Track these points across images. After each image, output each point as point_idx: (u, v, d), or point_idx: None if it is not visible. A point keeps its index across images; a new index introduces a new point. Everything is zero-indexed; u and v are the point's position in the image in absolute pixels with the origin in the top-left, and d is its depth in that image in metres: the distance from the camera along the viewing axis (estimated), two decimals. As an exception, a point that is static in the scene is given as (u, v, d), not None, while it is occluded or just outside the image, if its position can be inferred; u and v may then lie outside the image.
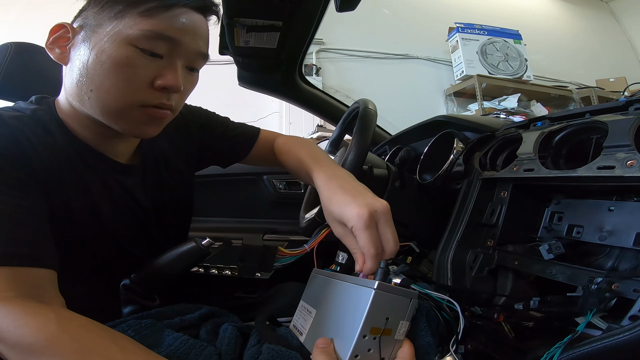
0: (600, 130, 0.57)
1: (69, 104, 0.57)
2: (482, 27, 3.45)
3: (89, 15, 0.53)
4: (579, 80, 3.81)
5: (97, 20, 0.51)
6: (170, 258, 0.60)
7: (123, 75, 0.51)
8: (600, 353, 0.41)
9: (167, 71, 0.53)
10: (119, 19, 0.50)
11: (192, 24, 0.54)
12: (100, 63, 0.50)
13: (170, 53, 0.53)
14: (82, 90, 0.52)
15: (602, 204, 0.57)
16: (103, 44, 0.50)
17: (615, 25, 4.29)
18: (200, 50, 0.56)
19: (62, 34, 0.54)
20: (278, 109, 3.19)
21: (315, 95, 1.38)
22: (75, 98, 0.54)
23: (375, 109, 0.77)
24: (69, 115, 0.58)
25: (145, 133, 0.57)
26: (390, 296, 0.43)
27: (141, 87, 0.52)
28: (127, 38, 0.50)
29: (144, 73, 0.52)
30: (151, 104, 0.53)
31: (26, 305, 0.40)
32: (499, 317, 0.54)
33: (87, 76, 0.51)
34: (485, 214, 0.70)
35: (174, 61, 0.54)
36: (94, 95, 0.52)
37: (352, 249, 0.50)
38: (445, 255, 0.70)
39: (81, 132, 0.58)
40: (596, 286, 0.48)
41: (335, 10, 0.74)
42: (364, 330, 0.42)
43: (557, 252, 0.56)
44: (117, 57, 0.50)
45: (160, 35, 0.51)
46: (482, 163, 0.76)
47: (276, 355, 0.45)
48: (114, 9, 0.50)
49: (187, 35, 0.53)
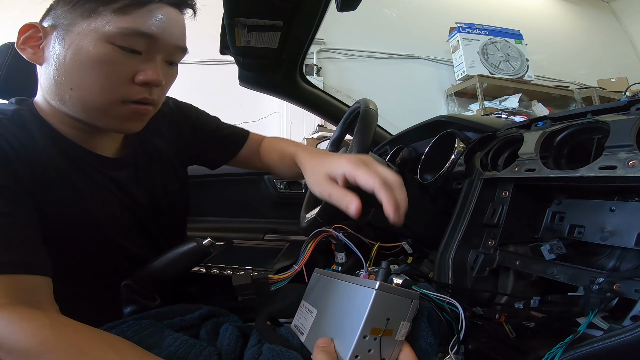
0: (602, 130, 0.57)
1: (48, 103, 0.56)
2: (483, 27, 3.45)
3: (59, 15, 0.51)
4: (580, 80, 3.81)
5: (70, 19, 0.50)
6: (171, 258, 0.60)
7: (103, 73, 0.50)
8: (601, 353, 0.41)
9: (147, 66, 0.53)
10: (93, 17, 0.49)
11: (168, 19, 0.53)
12: (79, 62, 0.49)
13: (149, 49, 0.52)
14: (62, 89, 0.52)
15: (604, 204, 0.57)
16: (79, 42, 0.49)
17: (616, 25, 4.28)
18: (178, 45, 0.56)
19: (32, 33, 0.53)
20: (279, 108, 3.19)
21: (316, 95, 1.38)
22: (55, 97, 0.53)
23: (376, 109, 0.77)
24: (50, 114, 0.57)
25: (128, 129, 0.57)
26: (392, 297, 0.43)
27: (122, 83, 0.52)
28: (104, 36, 0.49)
29: (123, 69, 0.51)
30: (133, 99, 0.53)
31: (21, 311, 0.40)
32: (500, 318, 0.54)
33: (66, 75, 0.51)
34: (486, 214, 0.70)
35: (153, 56, 0.53)
36: (74, 94, 0.51)
37: (340, 199, 0.49)
38: (446, 255, 0.70)
39: (63, 129, 0.57)
40: (598, 286, 0.48)
41: (336, 10, 0.74)
42: (364, 331, 0.41)
43: (559, 252, 0.56)
44: (96, 55, 0.49)
45: (137, 32, 0.50)
46: (483, 163, 0.76)
47: (276, 355, 0.45)
48: (86, 7, 0.50)
49: (164, 31, 0.53)
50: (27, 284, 0.44)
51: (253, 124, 3.16)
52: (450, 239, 0.71)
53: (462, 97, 3.51)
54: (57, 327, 0.40)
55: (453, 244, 0.70)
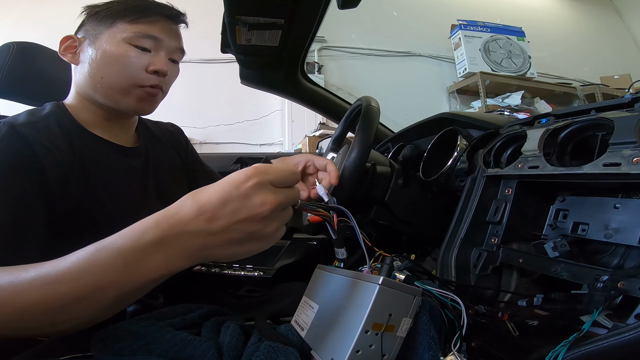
0: (605, 127, 0.57)
1: (79, 96, 0.72)
2: (484, 25, 3.43)
3: (88, 29, 0.70)
4: (583, 78, 3.79)
5: (97, 30, 0.69)
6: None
7: (124, 64, 0.68)
8: (605, 352, 0.41)
9: (156, 59, 0.71)
10: (113, 27, 0.69)
11: (167, 27, 0.72)
12: (107, 57, 0.68)
13: (156, 47, 0.71)
14: (95, 79, 0.69)
15: (608, 201, 0.57)
16: (106, 44, 0.68)
17: (619, 22, 4.26)
18: (177, 46, 0.74)
19: (70, 43, 0.71)
20: (280, 107, 3.19)
21: (318, 93, 1.38)
22: (89, 87, 0.70)
23: (378, 106, 0.76)
24: (79, 107, 0.72)
25: (142, 109, 0.74)
26: (395, 292, 0.43)
27: (138, 71, 0.69)
28: (123, 39, 0.68)
29: (138, 62, 0.69)
30: (146, 84, 0.70)
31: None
32: (503, 316, 0.53)
33: (98, 69, 0.68)
34: (489, 211, 0.70)
35: (159, 53, 0.71)
36: (104, 82, 0.69)
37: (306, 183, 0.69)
38: (449, 253, 0.70)
39: (90, 121, 0.72)
40: (602, 284, 0.48)
41: (337, 8, 0.74)
42: (366, 326, 0.41)
43: (562, 249, 0.56)
44: (118, 52, 0.68)
45: (146, 35, 0.69)
46: (486, 160, 0.75)
47: (272, 352, 0.45)
48: (108, 21, 0.69)
49: (165, 35, 0.71)
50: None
51: (255, 123, 3.17)
52: (453, 237, 0.71)
53: (464, 95, 3.50)
54: None
55: (456, 242, 0.70)
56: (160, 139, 0.87)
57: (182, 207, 0.38)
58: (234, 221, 0.37)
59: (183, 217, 0.37)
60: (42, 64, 0.87)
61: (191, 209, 0.37)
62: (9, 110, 0.89)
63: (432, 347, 0.46)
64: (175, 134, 0.94)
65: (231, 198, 0.37)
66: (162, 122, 0.94)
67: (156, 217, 0.38)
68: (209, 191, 0.38)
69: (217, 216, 0.37)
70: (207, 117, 3.05)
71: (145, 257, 0.37)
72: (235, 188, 0.37)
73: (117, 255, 0.37)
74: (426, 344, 0.45)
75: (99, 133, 0.72)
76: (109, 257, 0.37)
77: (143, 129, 0.84)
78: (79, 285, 0.36)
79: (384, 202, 0.83)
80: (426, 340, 0.46)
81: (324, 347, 0.46)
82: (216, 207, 0.37)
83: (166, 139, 0.89)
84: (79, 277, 0.36)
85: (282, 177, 0.40)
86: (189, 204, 0.37)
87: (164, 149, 0.86)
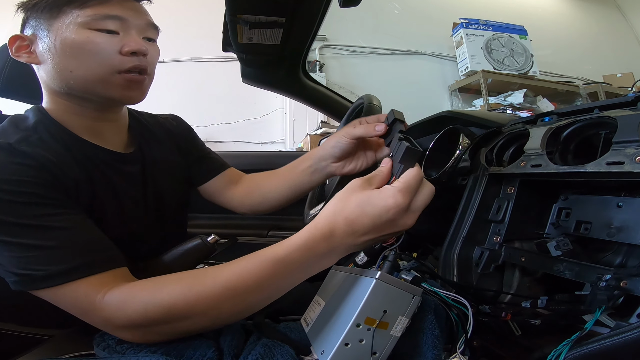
0: (609, 125, 0.56)
1: (55, 98, 0.63)
2: (486, 23, 3.42)
3: (34, 24, 0.61)
4: (586, 76, 3.78)
5: (45, 24, 0.60)
6: (176, 255, 0.60)
7: (92, 51, 0.59)
8: (608, 351, 0.40)
9: (128, 40, 0.61)
10: (62, 16, 0.59)
11: (128, 5, 0.62)
12: (69, 48, 0.58)
13: (123, 27, 0.61)
14: (64, 75, 0.60)
15: (611, 200, 0.57)
16: (62, 34, 0.58)
17: (622, 20, 4.24)
18: (148, 21, 0.65)
19: (19, 43, 0.62)
20: (282, 105, 3.19)
21: (319, 92, 1.38)
22: (61, 85, 0.61)
23: (379, 105, 0.76)
24: (61, 110, 0.64)
25: (130, 98, 0.65)
26: (392, 289, 0.43)
27: (111, 56, 0.60)
28: (80, 24, 0.58)
29: (108, 45, 0.60)
30: (125, 68, 0.61)
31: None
32: (507, 316, 0.53)
33: (63, 62, 0.59)
34: (491, 210, 0.70)
35: (129, 32, 0.62)
36: (75, 75, 0.60)
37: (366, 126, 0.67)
38: (451, 251, 0.70)
39: (76, 125, 0.64)
40: (605, 283, 0.48)
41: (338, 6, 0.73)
42: (358, 319, 0.41)
43: (565, 248, 0.56)
44: (79, 40, 0.58)
45: (106, 16, 0.59)
46: (488, 159, 0.75)
47: (268, 349, 0.45)
48: (53, 11, 0.59)
49: (127, 13, 0.62)
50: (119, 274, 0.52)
51: (256, 121, 3.17)
52: (455, 235, 0.71)
53: (466, 93, 3.49)
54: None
55: (458, 240, 0.70)
56: (157, 134, 0.80)
57: (336, 228, 0.44)
58: (379, 235, 0.44)
59: (338, 238, 0.44)
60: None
61: (345, 231, 0.43)
62: (10, 110, 0.89)
63: (437, 346, 0.46)
64: (175, 125, 0.87)
65: (381, 221, 0.43)
66: (161, 115, 0.88)
67: (313, 239, 0.44)
68: (362, 215, 0.43)
69: (366, 233, 0.43)
70: (209, 115, 3.05)
71: (312, 267, 0.46)
72: (386, 213, 0.43)
73: (296, 267, 0.45)
74: (430, 342, 0.45)
75: (89, 138, 0.65)
76: (288, 269, 0.45)
77: (137, 127, 0.76)
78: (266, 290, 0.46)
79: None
80: (430, 339, 0.46)
81: (318, 340, 0.47)
82: (367, 228, 0.43)
83: (164, 133, 0.82)
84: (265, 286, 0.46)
85: (423, 194, 0.46)
86: (342, 226, 0.43)
87: (161, 146, 0.79)
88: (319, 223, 0.45)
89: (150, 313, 0.45)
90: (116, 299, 0.46)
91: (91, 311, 0.47)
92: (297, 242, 0.45)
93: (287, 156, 1.77)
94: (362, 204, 0.43)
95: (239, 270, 0.45)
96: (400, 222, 0.44)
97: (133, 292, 0.47)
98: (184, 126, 0.89)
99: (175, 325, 0.46)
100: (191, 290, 0.45)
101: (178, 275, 0.48)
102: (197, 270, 0.49)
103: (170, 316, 0.45)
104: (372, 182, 0.47)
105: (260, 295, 0.46)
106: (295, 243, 0.45)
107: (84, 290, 0.47)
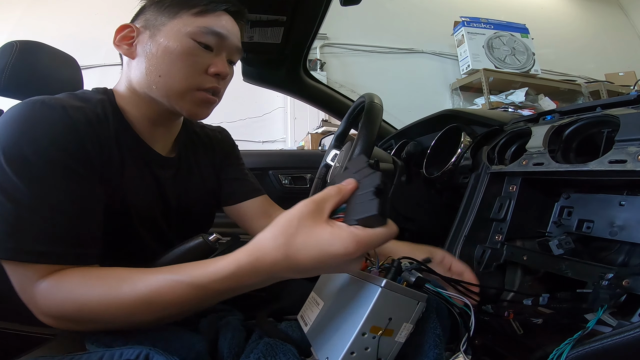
0: (611, 124, 0.56)
1: (130, 91, 0.65)
2: (488, 21, 3.41)
3: (149, 17, 0.63)
4: (588, 75, 3.77)
5: (159, 21, 0.62)
6: (177, 254, 0.60)
7: (186, 63, 0.61)
8: (610, 350, 0.40)
9: (217, 60, 0.64)
10: (177, 18, 0.62)
11: (231, 24, 0.66)
12: (168, 54, 0.61)
13: (218, 46, 0.64)
14: (152, 77, 0.62)
15: (613, 198, 0.57)
16: (168, 38, 0.61)
17: (624, 19, 4.22)
18: (238, 46, 0.68)
19: (127, 33, 0.64)
20: (283, 104, 3.19)
21: (320, 90, 1.38)
22: (143, 86, 0.63)
23: (381, 103, 0.76)
24: (129, 102, 0.65)
25: (197, 114, 0.67)
26: (397, 296, 0.42)
27: (198, 73, 0.63)
28: (188, 33, 0.61)
29: (200, 61, 0.62)
30: (205, 87, 0.64)
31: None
32: (509, 315, 0.53)
33: (156, 65, 0.61)
34: (493, 208, 0.70)
35: (221, 53, 0.65)
36: (162, 81, 0.62)
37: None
38: (452, 250, 0.70)
39: (135, 118, 0.66)
40: (607, 282, 0.48)
41: (339, 5, 0.73)
42: (364, 328, 0.41)
43: (567, 247, 0.56)
44: (181, 49, 0.61)
45: (211, 31, 0.62)
46: (490, 157, 0.75)
47: (270, 348, 0.45)
48: (171, 10, 0.62)
49: (229, 32, 0.65)
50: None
51: (257, 120, 3.17)
52: (457, 234, 0.71)
53: (467, 92, 3.48)
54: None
55: (459, 239, 0.70)
56: (201, 144, 0.80)
57: (275, 263, 0.40)
58: (322, 271, 0.43)
59: (276, 271, 0.41)
60: (45, 62, 0.87)
61: (284, 267, 0.40)
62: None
63: (438, 345, 0.45)
64: (219, 139, 0.86)
65: (324, 265, 0.40)
66: (210, 127, 0.86)
67: (253, 265, 0.41)
68: (307, 256, 0.39)
69: (307, 272, 0.41)
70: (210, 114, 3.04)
71: (243, 290, 0.44)
72: (333, 259, 0.39)
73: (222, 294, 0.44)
74: (432, 342, 0.45)
75: (141, 134, 0.66)
76: (211, 295, 0.43)
77: (184, 134, 0.76)
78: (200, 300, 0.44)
79: (387, 200, 0.83)
80: (432, 338, 0.45)
81: (321, 345, 0.46)
82: (308, 268, 0.40)
83: (208, 144, 0.82)
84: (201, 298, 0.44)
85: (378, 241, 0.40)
86: (282, 261, 0.40)
87: (200, 156, 0.79)
88: (253, 254, 0.41)
89: (66, 308, 0.45)
90: (45, 287, 0.46)
91: (27, 296, 0.47)
92: (222, 272, 0.42)
93: (289, 155, 1.77)
94: (308, 243, 0.39)
95: (158, 286, 0.43)
96: (345, 269, 0.42)
97: (59, 283, 0.46)
98: (229, 142, 0.88)
99: (86, 324, 0.46)
100: (107, 296, 0.44)
101: (105, 274, 0.47)
102: (122, 272, 0.47)
103: (82, 315, 0.45)
104: (323, 208, 0.41)
105: (181, 311, 0.45)
106: (219, 272, 0.42)
107: (31, 273, 0.46)
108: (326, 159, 0.95)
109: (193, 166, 0.77)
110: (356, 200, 0.41)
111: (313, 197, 0.41)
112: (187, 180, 0.74)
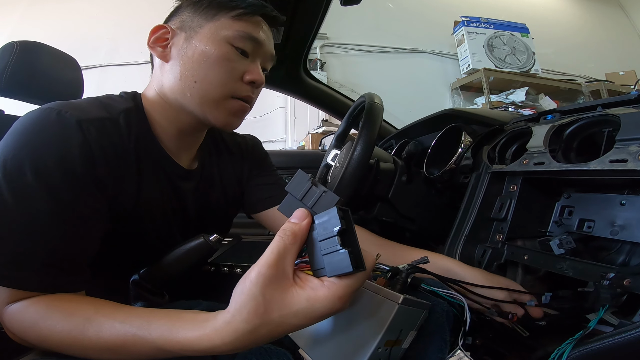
0: (612, 123, 0.56)
1: (160, 97, 0.62)
2: (488, 21, 3.41)
3: (185, 19, 0.61)
4: (588, 74, 3.76)
5: (196, 22, 0.59)
6: (178, 254, 0.60)
7: (223, 69, 0.59)
8: (611, 349, 0.40)
9: (253, 67, 0.61)
10: (215, 21, 0.59)
11: (267, 30, 0.64)
12: (206, 58, 0.58)
13: (254, 52, 0.62)
14: (186, 82, 0.59)
15: (614, 198, 0.57)
16: (205, 42, 0.58)
17: (624, 18, 4.22)
18: (272, 53, 0.66)
19: (161, 34, 0.61)
20: (283, 104, 3.19)
21: (320, 90, 1.38)
22: (176, 91, 0.60)
23: (381, 103, 0.76)
24: (156, 110, 0.62)
25: (229, 124, 0.64)
26: (410, 309, 0.43)
27: (235, 80, 0.60)
28: (225, 37, 0.59)
29: (237, 68, 0.60)
30: (241, 95, 0.61)
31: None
32: (513, 317, 0.53)
33: (192, 70, 0.58)
34: (494, 208, 0.70)
35: (256, 60, 0.62)
36: (197, 86, 0.59)
37: None
38: (453, 250, 0.70)
39: (163, 127, 0.63)
40: (608, 282, 0.47)
41: (339, 5, 0.73)
42: (380, 343, 0.41)
43: (568, 246, 0.56)
44: (219, 53, 0.58)
45: (249, 36, 0.60)
46: (490, 157, 0.75)
47: (264, 352, 0.45)
48: (209, 12, 0.59)
49: (265, 38, 0.63)
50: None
51: (257, 120, 3.17)
52: (458, 233, 0.71)
53: (467, 91, 3.48)
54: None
55: (460, 239, 0.70)
56: (228, 152, 0.78)
57: (259, 341, 0.35)
58: (303, 325, 0.35)
59: (264, 343, 0.36)
60: (45, 63, 0.87)
61: (274, 338, 0.36)
62: (13, 109, 0.89)
63: (442, 349, 0.46)
64: (250, 148, 0.83)
65: (315, 322, 0.35)
66: (239, 135, 0.84)
67: (231, 348, 0.36)
68: (290, 325, 0.35)
69: (286, 329, 0.35)
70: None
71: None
72: (320, 319, 0.35)
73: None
74: (437, 346, 0.46)
75: (165, 146, 0.63)
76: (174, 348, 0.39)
77: (209, 143, 0.74)
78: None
79: (388, 199, 0.83)
80: (438, 341, 0.46)
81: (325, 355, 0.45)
82: (299, 328, 0.35)
83: (236, 152, 0.80)
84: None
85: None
86: (267, 338, 0.35)
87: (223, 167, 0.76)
88: (229, 343, 0.35)
89: (30, 337, 0.43)
90: (11, 312, 0.44)
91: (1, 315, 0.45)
92: (193, 347, 0.37)
93: (289, 155, 1.77)
94: (286, 315, 0.34)
95: (125, 339, 0.40)
96: (327, 316, 0.36)
97: (25, 310, 0.44)
98: (260, 152, 0.86)
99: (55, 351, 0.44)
100: (69, 334, 0.42)
101: (72, 310, 0.44)
102: (90, 311, 0.43)
103: (46, 345, 0.43)
104: (284, 269, 0.35)
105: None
106: (191, 346, 0.37)
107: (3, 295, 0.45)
108: (327, 159, 0.95)
109: (215, 176, 0.75)
110: (320, 248, 0.35)
111: (267, 259, 0.35)
112: (208, 192, 0.72)
